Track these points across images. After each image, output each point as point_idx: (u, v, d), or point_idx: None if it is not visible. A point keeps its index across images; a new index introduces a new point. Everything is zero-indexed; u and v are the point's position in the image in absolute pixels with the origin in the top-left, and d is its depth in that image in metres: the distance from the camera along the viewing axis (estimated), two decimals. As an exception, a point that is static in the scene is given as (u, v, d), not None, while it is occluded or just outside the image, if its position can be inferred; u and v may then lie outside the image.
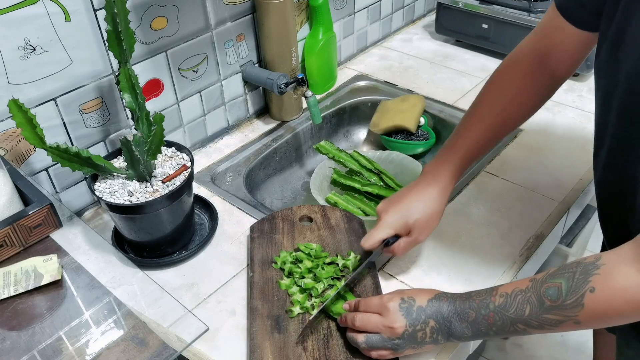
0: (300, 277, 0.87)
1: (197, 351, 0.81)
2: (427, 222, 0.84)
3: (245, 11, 1.17)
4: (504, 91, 0.85)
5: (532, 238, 0.97)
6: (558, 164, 1.13)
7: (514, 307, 0.64)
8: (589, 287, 0.59)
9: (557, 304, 0.61)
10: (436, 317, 0.71)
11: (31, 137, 0.78)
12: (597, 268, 0.59)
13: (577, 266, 0.61)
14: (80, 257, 0.83)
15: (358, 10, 1.47)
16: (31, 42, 0.85)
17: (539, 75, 0.83)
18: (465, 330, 0.69)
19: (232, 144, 1.24)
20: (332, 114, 1.37)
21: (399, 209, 0.85)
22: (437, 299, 0.72)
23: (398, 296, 0.74)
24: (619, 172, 0.71)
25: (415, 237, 0.84)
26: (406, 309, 0.72)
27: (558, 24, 0.77)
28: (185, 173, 0.90)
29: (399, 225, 0.84)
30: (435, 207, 0.85)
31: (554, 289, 0.61)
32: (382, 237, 0.84)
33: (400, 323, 0.71)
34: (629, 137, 0.66)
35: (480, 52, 1.54)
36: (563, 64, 0.81)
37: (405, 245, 0.85)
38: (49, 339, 0.71)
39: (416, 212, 0.84)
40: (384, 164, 1.18)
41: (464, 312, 0.69)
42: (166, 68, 1.07)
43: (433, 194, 0.85)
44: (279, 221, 0.98)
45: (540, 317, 0.63)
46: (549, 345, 1.78)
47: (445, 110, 1.33)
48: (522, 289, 0.65)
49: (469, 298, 0.70)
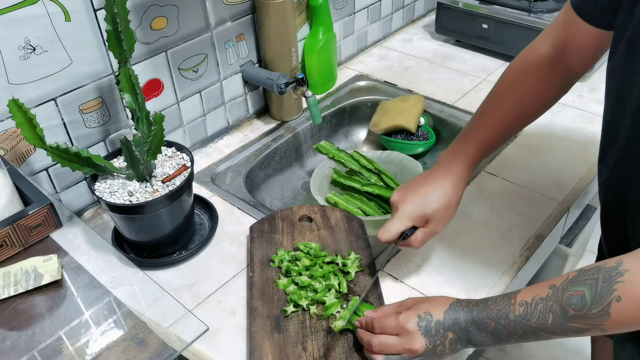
0: (297, 275, 0.87)
1: (197, 351, 0.81)
2: (445, 212, 0.82)
3: (245, 11, 1.17)
4: (522, 84, 0.84)
5: (532, 238, 0.97)
6: (558, 164, 1.13)
7: (536, 317, 0.63)
8: (615, 296, 0.57)
9: (582, 314, 0.59)
10: (454, 328, 0.69)
11: (31, 137, 0.78)
12: (621, 275, 0.58)
13: (598, 272, 0.60)
14: (80, 257, 0.83)
15: (358, 10, 1.47)
16: (31, 42, 0.85)
17: (556, 69, 0.82)
18: (486, 338, 0.67)
19: (232, 144, 1.24)
20: (332, 114, 1.37)
21: (416, 199, 0.82)
22: (452, 309, 0.70)
23: (414, 314, 0.70)
24: (630, 173, 0.70)
25: (432, 227, 0.82)
26: (425, 327, 0.69)
27: (573, 20, 0.77)
28: (185, 173, 0.90)
29: (417, 216, 0.81)
30: (453, 197, 0.83)
31: (577, 297, 0.60)
32: (400, 228, 0.82)
33: (421, 343, 0.69)
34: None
35: (480, 52, 1.54)
36: (579, 60, 0.81)
37: (423, 236, 0.82)
38: (49, 339, 0.71)
39: (433, 201, 0.81)
40: (384, 164, 1.18)
41: (482, 322, 0.67)
42: (166, 68, 1.07)
43: (449, 184, 0.83)
44: (278, 221, 0.98)
45: (564, 326, 0.61)
46: (549, 346, 1.78)
47: (445, 110, 1.33)
48: (542, 297, 0.63)
49: (486, 306, 0.67)
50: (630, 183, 0.70)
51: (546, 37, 0.83)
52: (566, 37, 0.79)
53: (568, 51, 0.80)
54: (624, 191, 0.72)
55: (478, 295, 0.87)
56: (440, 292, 0.88)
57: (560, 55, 0.81)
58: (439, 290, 0.88)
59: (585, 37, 0.77)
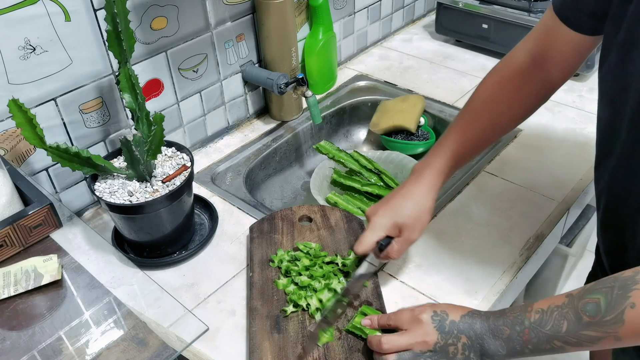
0: (297, 275, 0.87)
1: (197, 351, 0.81)
2: (416, 220, 0.83)
3: (245, 11, 1.17)
4: (497, 94, 0.84)
5: (532, 238, 0.97)
6: (558, 164, 1.13)
7: (551, 324, 0.62)
8: (629, 302, 0.57)
9: (596, 320, 0.59)
10: (469, 333, 0.68)
11: (31, 137, 0.78)
12: (637, 283, 0.58)
13: (614, 281, 0.59)
14: (80, 257, 0.83)
15: (358, 10, 1.47)
16: (31, 42, 0.85)
17: (534, 80, 0.82)
18: (500, 347, 0.66)
19: (232, 144, 1.24)
20: (332, 114, 1.37)
21: (387, 210, 0.84)
22: (470, 315, 0.70)
23: (430, 309, 0.71)
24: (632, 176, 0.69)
25: (407, 235, 0.83)
26: (439, 322, 0.70)
27: (555, 27, 0.76)
28: (185, 173, 0.90)
29: (389, 226, 0.83)
30: (424, 204, 0.83)
31: (592, 304, 0.59)
32: (373, 239, 0.83)
33: (433, 336, 0.69)
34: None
35: (480, 52, 1.54)
36: (559, 69, 0.80)
37: (398, 246, 0.83)
38: (49, 339, 0.71)
39: (405, 210, 0.83)
40: (384, 164, 1.18)
41: (497, 328, 0.67)
42: (166, 68, 1.07)
43: (420, 191, 0.84)
44: (278, 221, 0.98)
45: (578, 334, 0.60)
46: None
47: (445, 110, 1.33)
48: (558, 305, 0.62)
49: (502, 315, 0.68)
50: (631, 189, 0.70)
51: (525, 45, 0.82)
52: (547, 44, 0.79)
53: (548, 60, 0.79)
54: (624, 197, 0.72)
55: (478, 296, 0.87)
56: (440, 292, 0.88)
57: (539, 65, 0.80)
58: (439, 290, 0.88)
59: (566, 45, 0.77)
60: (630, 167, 0.69)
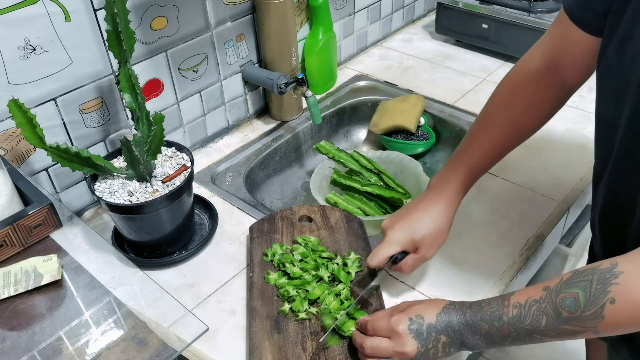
0: (290, 264, 0.87)
1: (197, 351, 0.81)
2: (434, 238, 0.82)
3: (245, 11, 1.17)
4: (513, 102, 0.82)
5: (532, 238, 0.97)
6: (558, 164, 1.13)
7: (529, 319, 0.62)
8: (609, 297, 0.57)
9: (575, 316, 0.59)
10: (447, 331, 0.68)
11: (31, 137, 0.78)
12: (616, 277, 0.57)
13: (592, 273, 0.59)
14: (80, 257, 0.83)
15: (358, 10, 1.47)
16: (31, 42, 0.85)
17: (550, 86, 0.80)
18: (479, 341, 0.67)
19: (232, 144, 1.24)
20: (332, 114, 1.37)
21: (406, 225, 0.82)
22: (445, 311, 0.69)
23: (406, 317, 0.70)
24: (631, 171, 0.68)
25: (423, 253, 0.82)
26: (416, 330, 0.69)
27: (567, 30, 0.75)
28: (185, 173, 0.90)
29: (406, 242, 0.82)
30: (443, 223, 0.83)
31: (571, 299, 0.59)
32: (388, 253, 0.82)
33: (412, 347, 0.69)
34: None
35: (480, 52, 1.54)
36: (574, 72, 0.79)
37: (413, 262, 0.83)
38: (49, 339, 0.71)
39: (423, 227, 0.82)
40: (384, 164, 1.18)
41: (475, 324, 0.67)
42: (166, 68, 1.07)
43: (440, 209, 0.83)
44: (278, 221, 0.98)
45: (557, 328, 0.60)
46: (549, 345, 1.78)
47: (445, 110, 1.33)
48: (536, 299, 0.62)
49: (479, 309, 0.67)
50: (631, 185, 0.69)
51: (537, 50, 0.81)
52: (560, 47, 0.77)
53: (562, 63, 0.78)
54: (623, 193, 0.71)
55: (478, 296, 0.87)
56: (440, 292, 0.88)
57: (554, 69, 0.79)
58: (439, 290, 0.88)
59: (579, 46, 0.75)
60: (630, 163, 0.69)
